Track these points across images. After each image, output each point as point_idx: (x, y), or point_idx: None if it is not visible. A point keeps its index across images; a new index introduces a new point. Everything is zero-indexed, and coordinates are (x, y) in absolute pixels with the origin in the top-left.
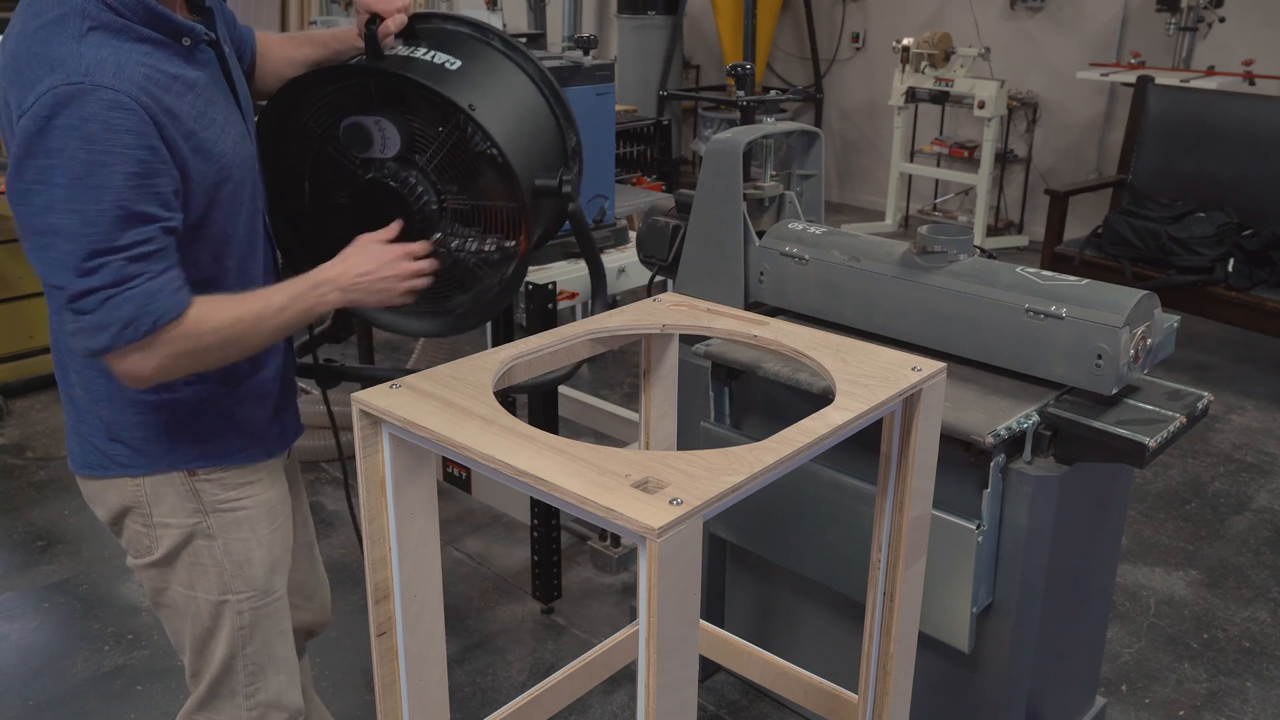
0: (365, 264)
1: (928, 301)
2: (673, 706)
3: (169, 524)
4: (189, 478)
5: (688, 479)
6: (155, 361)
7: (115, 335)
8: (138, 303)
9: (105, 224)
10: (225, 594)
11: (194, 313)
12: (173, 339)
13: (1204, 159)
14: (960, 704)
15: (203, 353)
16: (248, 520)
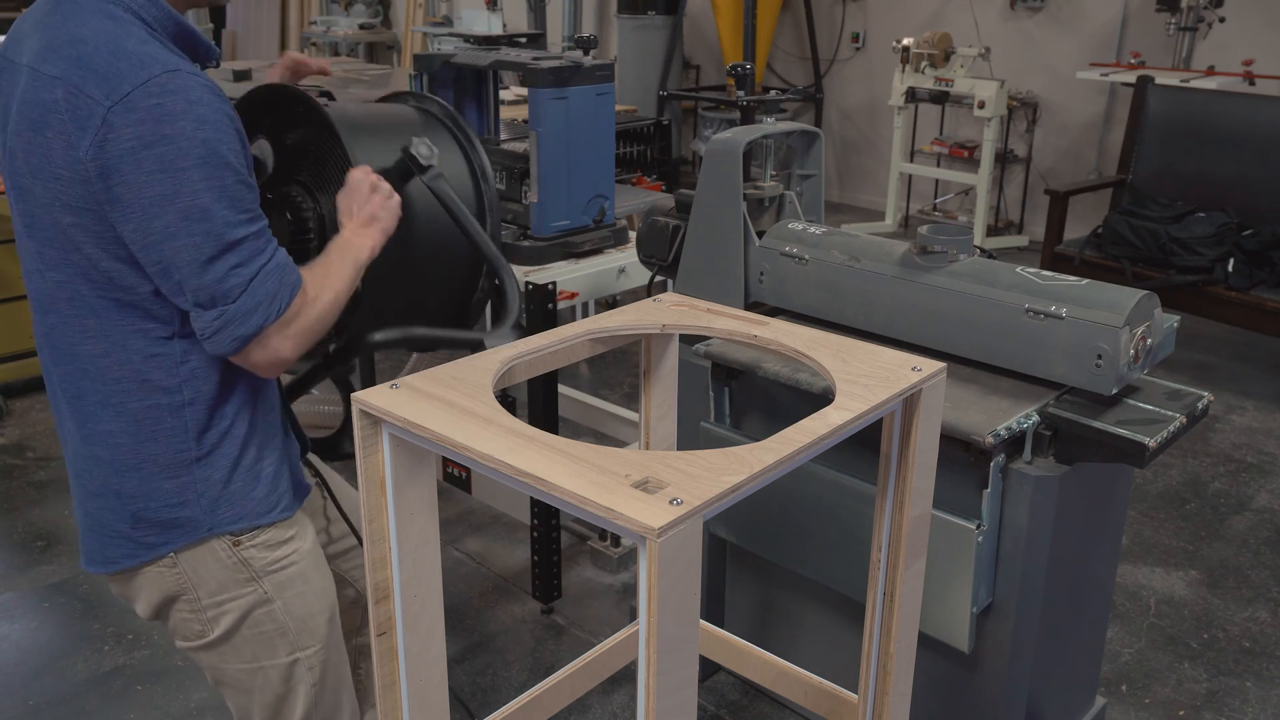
0: (360, 198)
1: (928, 301)
2: (673, 706)
3: (222, 602)
4: (234, 549)
5: (688, 479)
6: (291, 338)
7: (264, 314)
8: (276, 276)
9: (235, 201)
10: (294, 653)
11: (305, 283)
12: (301, 311)
13: (1204, 159)
14: (960, 704)
15: (315, 323)
16: (300, 574)
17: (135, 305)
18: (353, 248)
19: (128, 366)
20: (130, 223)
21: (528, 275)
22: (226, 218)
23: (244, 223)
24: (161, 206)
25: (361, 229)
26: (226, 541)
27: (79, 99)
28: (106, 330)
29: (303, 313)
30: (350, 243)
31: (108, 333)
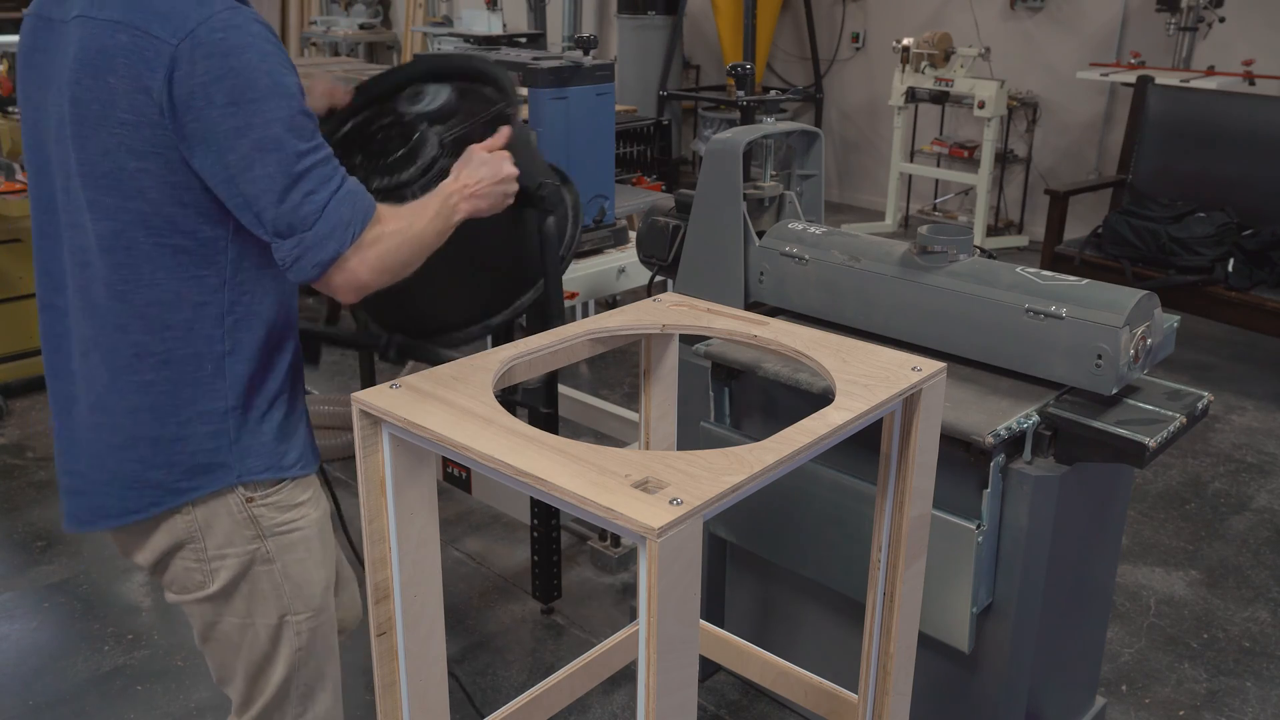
0: (481, 172)
1: (928, 301)
2: (673, 706)
3: (226, 555)
4: (247, 504)
5: (688, 479)
6: (370, 263)
7: (341, 239)
8: (349, 202)
9: (302, 129)
10: (285, 616)
11: (382, 212)
12: (377, 238)
13: (1204, 159)
14: (960, 704)
15: (394, 251)
16: (304, 541)
17: (191, 252)
18: (447, 203)
19: (178, 314)
20: (207, 158)
21: None
22: (297, 147)
23: (312, 150)
24: (236, 139)
25: (463, 192)
26: (240, 496)
27: (144, 40)
28: (160, 278)
29: (382, 239)
30: (447, 197)
31: (160, 280)
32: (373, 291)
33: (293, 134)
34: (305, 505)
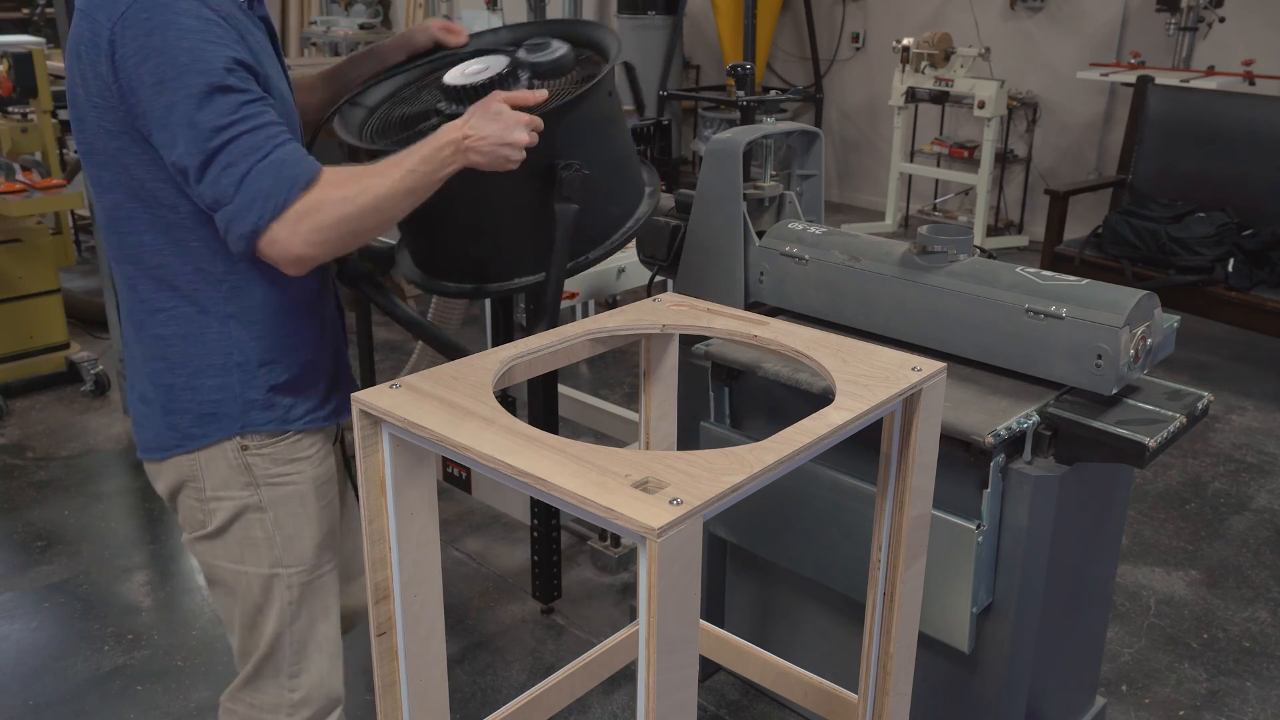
0: (488, 126)
1: (928, 301)
2: (673, 706)
3: (221, 497)
4: (241, 452)
5: (688, 479)
6: (303, 234)
7: (260, 210)
8: (272, 172)
9: (222, 106)
10: (275, 567)
11: (326, 178)
12: (311, 208)
13: (1204, 159)
14: (960, 704)
15: (336, 223)
16: (297, 495)
17: (178, 224)
18: (439, 152)
19: (181, 277)
20: (152, 136)
21: None
22: (213, 122)
23: (232, 125)
24: (165, 118)
25: (462, 143)
26: (236, 444)
27: (93, 25)
28: (160, 245)
29: (319, 209)
30: (440, 147)
31: (161, 247)
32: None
33: (209, 110)
34: (303, 462)
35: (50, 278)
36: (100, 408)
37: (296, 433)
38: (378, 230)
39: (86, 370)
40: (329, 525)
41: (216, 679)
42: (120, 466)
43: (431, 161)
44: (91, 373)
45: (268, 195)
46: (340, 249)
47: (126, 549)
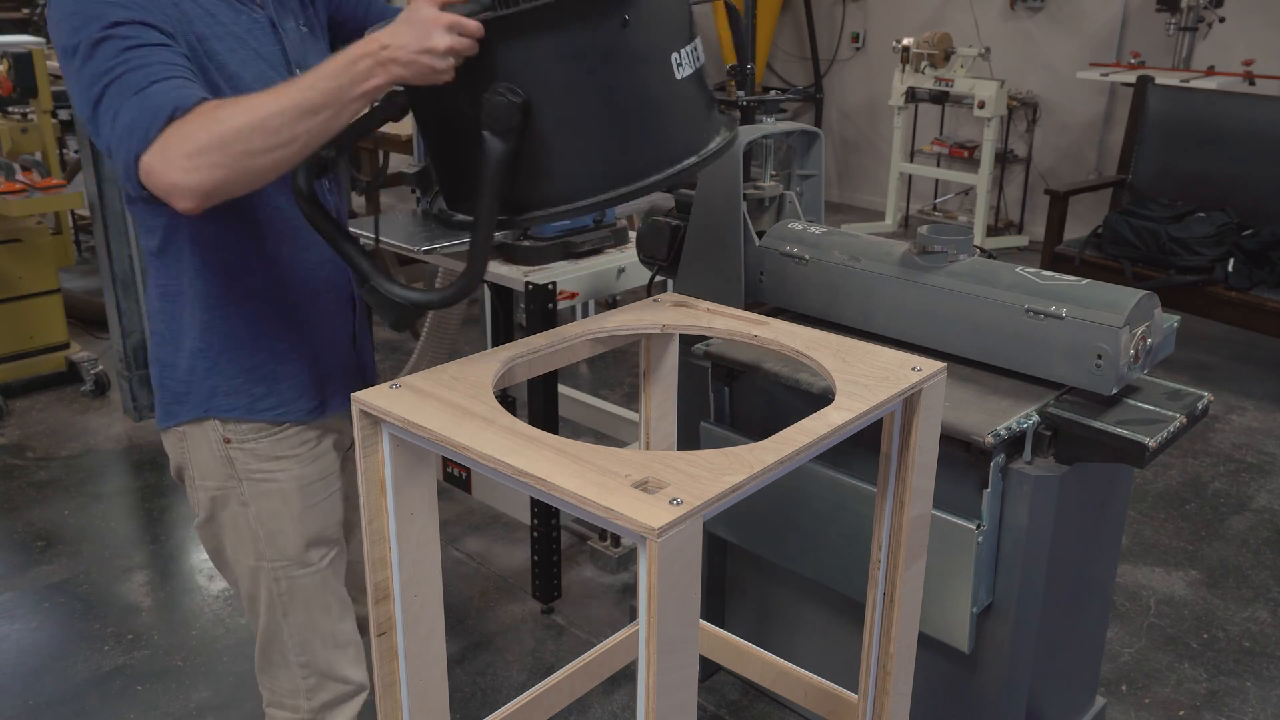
0: (404, 35)
1: (928, 301)
2: (673, 706)
3: (208, 487)
4: (224, 445)
5: (688, 479)
6: (174, 161)
7: (128, 144)
8: (138, 105)
9: (101, 59)
10: (260, 560)
11: (207, 106)
12: (182, 133)
13: (1204, 159)
14: (960, 704)
15: (219, 142)
16: (279, 493)
17: (141, 201)
18: (352, 67)
19: (161, 257)
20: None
21: (528, 275)
22: (94, 71)
23: (110, 70)
24: (69, 84)
25: (378, 55)
26: (219, 435)
27: None
28: (149, 224)
29: (189, 134)
30: (354, 61)
31: (150, 226)
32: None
33: (91, 63)
34: (288, 460)
35: (50, 278)
36: (100, 408)
37: (277, 426)
38: (277, 154)
39: (86, 370)
40: (320, 525)
41: (216, 679)
42: (120, 466)
43: (341, 76)
44: (91, 373)
45: (133, 128)
46: (235, 176)
47: (126, 549)
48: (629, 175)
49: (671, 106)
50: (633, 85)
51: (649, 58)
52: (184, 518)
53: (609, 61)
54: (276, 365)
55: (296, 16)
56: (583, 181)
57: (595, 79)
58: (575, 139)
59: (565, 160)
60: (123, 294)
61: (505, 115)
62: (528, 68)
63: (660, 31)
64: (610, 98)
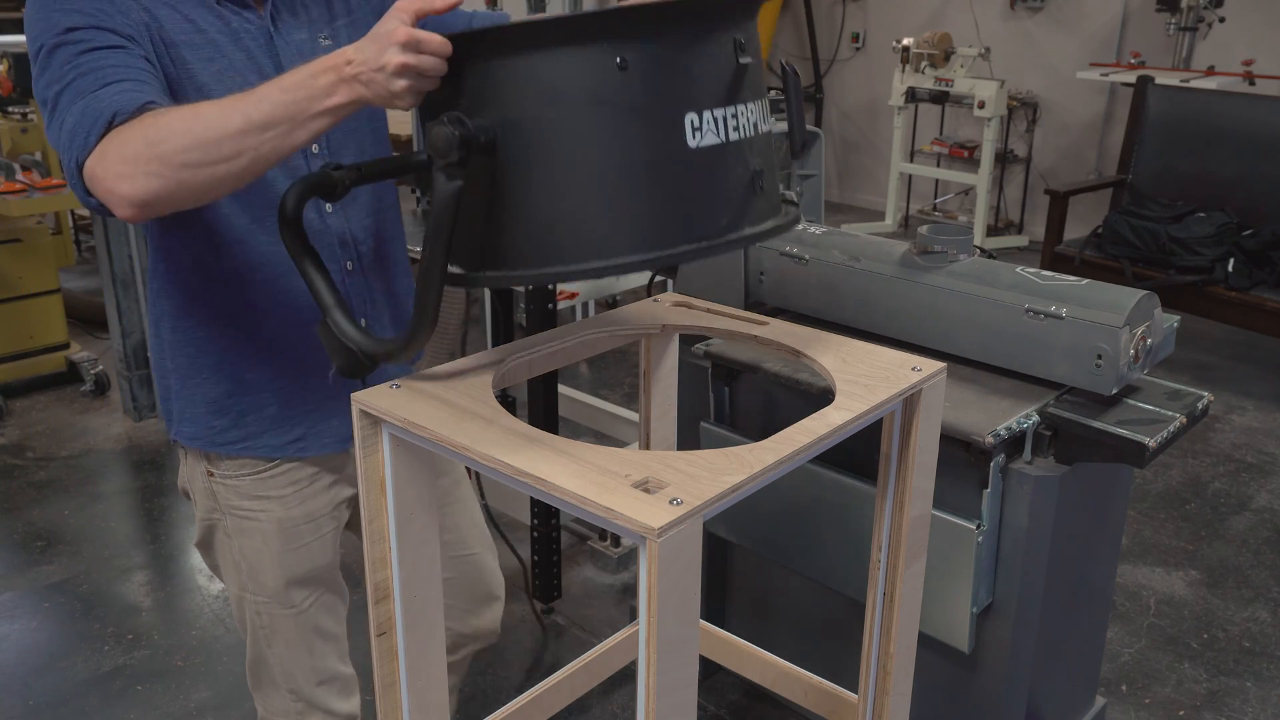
0: (365, 50)
1: (928, 301)
2: (673, 707)
3: (199, 513)
4: (208, 478)
5: (688, 479)
6: (111, 166)
7: (70, 151)
8: (83, 109)
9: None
10: (243, 590)
11: (151, 112)
12: (121, 139)
13: (1204, 159)
14: (960, 704)
15: (154, 149)
16: (259, 532)
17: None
18: (311, 82)
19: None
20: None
21: None
22: (48, 80)
23: (62, 78)
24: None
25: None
26: (204, 468)
27: None
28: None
29: (128, 139)
30: (306, 79)
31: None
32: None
33: (47, 72)
34: (270, 501)
35: (50, 278)
36: (100, 408)
37: (268, 463)
38: (218, 169)
39: (86, 370)
40: (306, 566)
41: (216, 679)
42: (120, 466)
43: (298, 90)
44: (91, 373)
45: (74, 133)
46: (173, 188)
47: (126, 549)
48: (605, 249)
49: (672, 177)
50: (622, 143)
51: (651, 113)
52: (184, 517)
53: (596, 108)
54: (243, 397)
55: (316, 27)
56: (548, 246)
57: (576, 126)
58: (544, 194)
59: (528, 217)
60: (123, 294)
61: (445, 147)
62: (499, 99)
63: (674, 86)
64: (591, 153)
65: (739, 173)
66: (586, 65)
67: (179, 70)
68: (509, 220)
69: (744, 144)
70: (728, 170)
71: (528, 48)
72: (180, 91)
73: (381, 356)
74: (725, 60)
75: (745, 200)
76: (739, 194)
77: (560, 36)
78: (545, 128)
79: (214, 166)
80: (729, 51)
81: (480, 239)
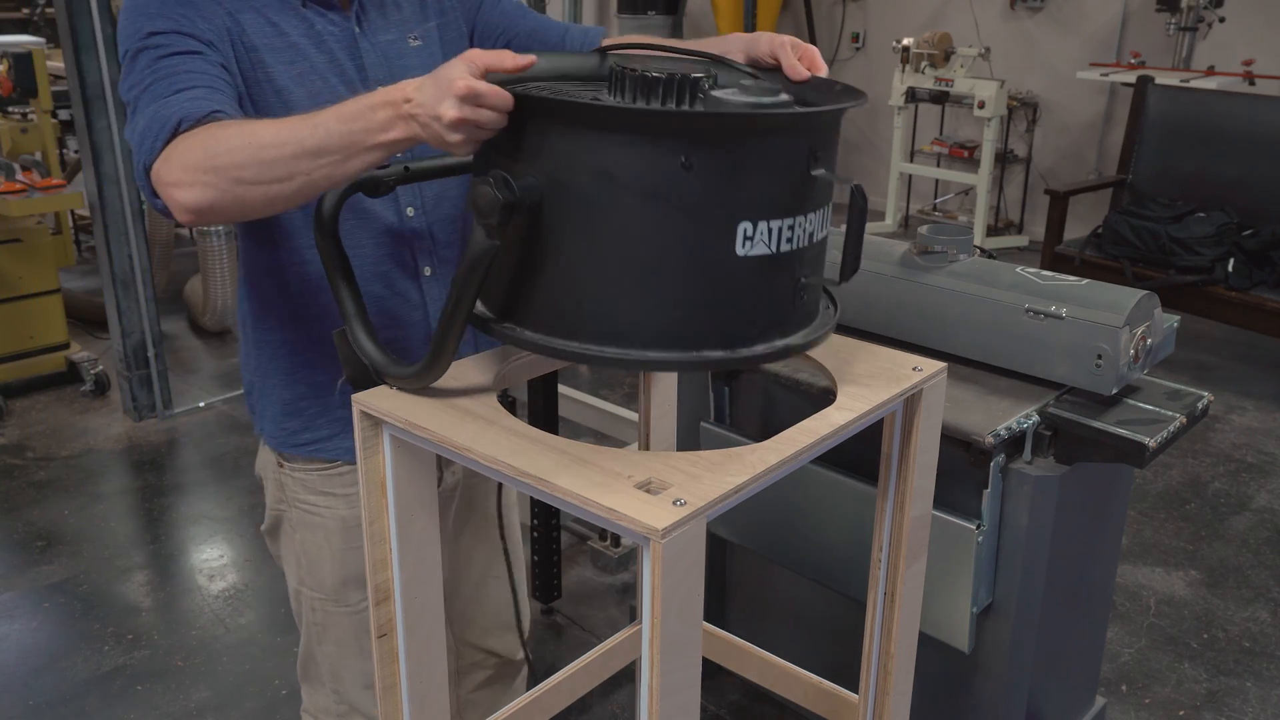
0: (426, 90)
1: (928, 301)
2: (675, 707)
3: (269, 503)
4: (279, 468)
5: (690, 479)
6: (174, 171)
7: (139, 156)
8: (154, 114)
9: (135, 73)
10: (300, 585)
11: (215, 123)
12: (185, 145)
13: (1204, 159)
14: (960, 704)
15: (212, 161)
16: (322, 528)
17: None
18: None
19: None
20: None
21: None
22: (129, 84)
23: (137, 84)
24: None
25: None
26: (276, 457)
27: None
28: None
29: (190, 147)
30: (364, 109)
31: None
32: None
33: (128, 78)
34: (334, 498)
35: (50, 278)
36: (100, 408)
37: (326, 463)
38: (270, 189)
39: (86, 370)
40: (357, 567)
41: (216, 679)
42: (120, 466)
43: (355, 121)
44: (91, 373)
45: (144, 137)
46: (226, 201)
47: (126, 549)
48: (631, 339)
49: (712, 282)
50: (668, 240)
51: (704, 217)
52: (184, 518)
53: (649, 200)
54: (315, 399)
55: (407, 27)
56: (575, 321)
57: (625, 213)
58: (580, 268)
59: (560, 286)
60: (123, 294)
61: (487, 208)
62: (554, 166)
63: (734, 193)
64: (634, 242)
65: (783, 284)
66: (651, 159)
67: (259, 73)
68: (541, 283)
69: (794, 255)
70: (771, 282)
71: (596, 127)
72: (260, 94)
73: (394, 379)
74: (796, 171)
75: (783, 311)
76: (778, 305)
77: (633, 126)
78: (594, 206)
79: (266, 186)
80: (801, 162)
81: (510, 287)
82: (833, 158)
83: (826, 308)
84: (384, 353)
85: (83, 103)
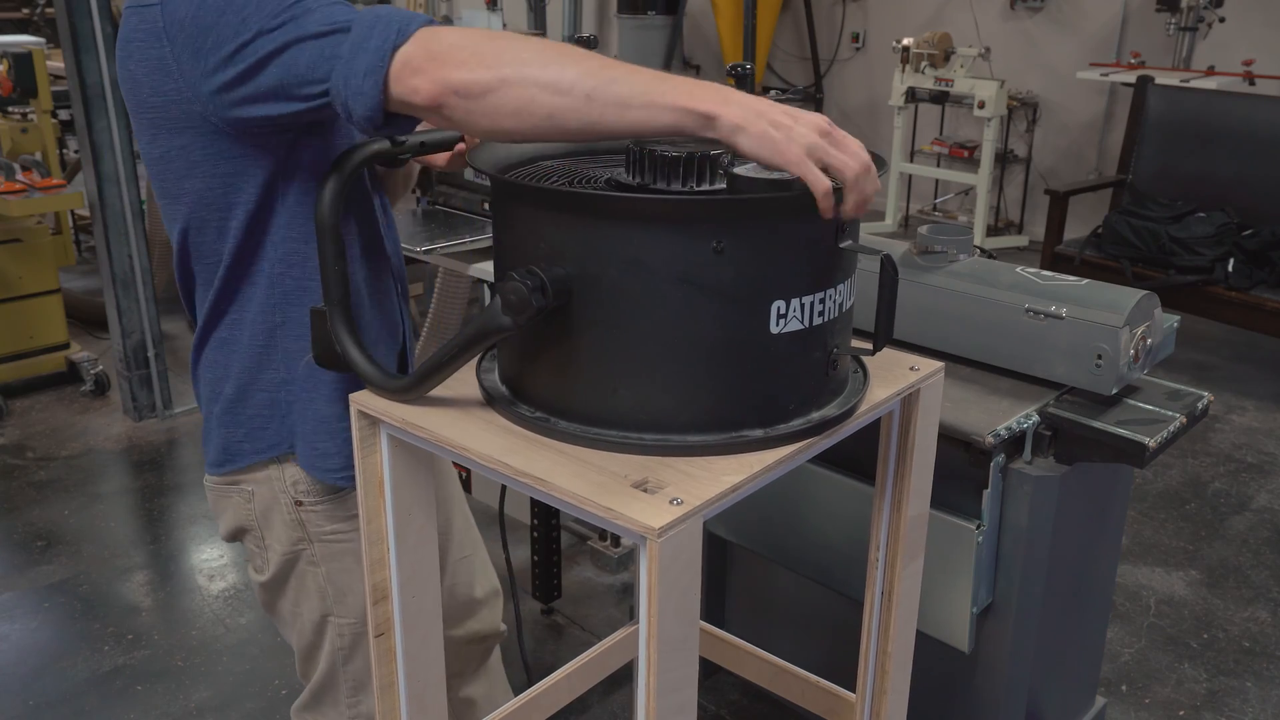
0: (849, 145)
1: (928, 301)
2: (673, 706)
3: (278, 549)
4: (295, 508)
5: (687, 479)
6: (448, 53)
7: (384, 33)
8: (380, 13)
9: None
10: (327, 615)
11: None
12: (443, 32)
13: (1204, 159)
14: (960, 704)
15: (483, 59)
16: (352, 553)
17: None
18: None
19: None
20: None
21: None
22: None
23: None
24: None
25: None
26: (291, 499)
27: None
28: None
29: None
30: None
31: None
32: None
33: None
34: (356, 519)
35: (50, 278)
36: (100, 408)
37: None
38: (540, 114)
39: (86, 370)
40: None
41: (216, 679)
42: (120, 466)
43: (666, 94)
44: (91, 373)
45: (375, 25)
46: (489, 110)
47: (126, 549)
48: (666, 423)
49: (747, 361)
50: (702, 323)
51: (737, 299)
52: (184, 518)
53: (682, 285)
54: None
55: None
56: (609, 407)
57: (658, 299)
58: (611, 355)
59: (592, 372)
60: (123, 294)
61: (518, 304)
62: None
63: (767, 274)
64: (667, 327)
65: (816, 356)
66: (683, 245)
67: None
68: (573, 372)
69: (826, 327)
70: (805, 355)
71: (628, 217)
72: None
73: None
74: (825, 246)
75: (817, 383)
76: (811, 378)
77: (666, 215)
78: (627, 294)
79: (533, 110)
80: (830, 236)
81: (537, 375)
82: (857, 226)
83: (855, 372)
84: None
85: (83, 103)
